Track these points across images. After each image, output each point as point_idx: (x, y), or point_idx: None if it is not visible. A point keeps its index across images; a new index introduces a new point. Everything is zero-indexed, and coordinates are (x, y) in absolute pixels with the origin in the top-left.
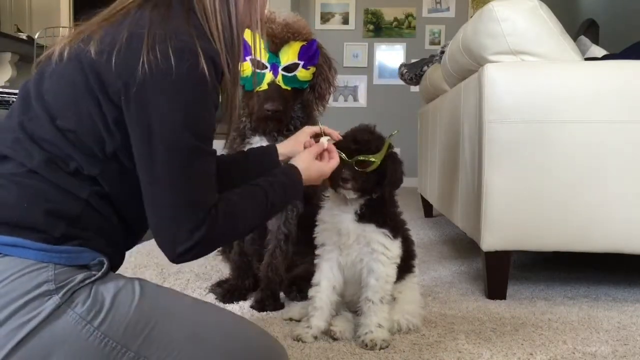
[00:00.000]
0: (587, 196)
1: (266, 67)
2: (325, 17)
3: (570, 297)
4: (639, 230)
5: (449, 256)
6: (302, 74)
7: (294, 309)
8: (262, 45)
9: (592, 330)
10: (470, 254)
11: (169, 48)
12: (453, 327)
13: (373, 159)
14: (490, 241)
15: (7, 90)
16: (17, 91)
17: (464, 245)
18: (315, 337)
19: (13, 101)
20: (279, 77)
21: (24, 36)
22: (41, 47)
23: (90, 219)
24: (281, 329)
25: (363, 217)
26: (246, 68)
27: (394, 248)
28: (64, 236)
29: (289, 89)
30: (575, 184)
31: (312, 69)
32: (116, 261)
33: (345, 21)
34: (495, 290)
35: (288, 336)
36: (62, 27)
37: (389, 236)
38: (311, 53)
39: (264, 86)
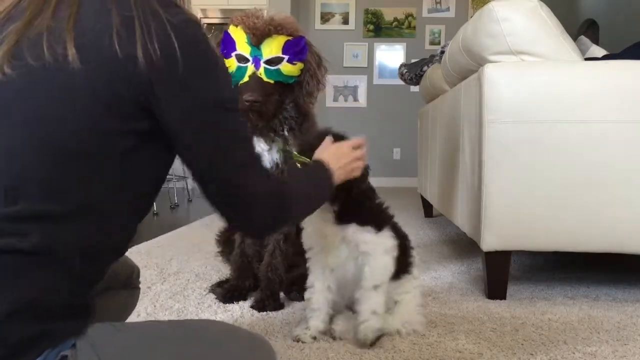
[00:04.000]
0: (587, 196)
1: (248, 60)
2: (325, 17)
3: (570, 297)
4: (639, 230)
5: (449, 256)
6: (287, 68)
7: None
8: (245, 40)
9: (592, 330)
10: (470, 254)
11: (176, 28)
12: (453, 327)
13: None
14: (490, 241)
15: None
16: None
17: (464, 245)
18: (314, 338)
19: None
20: (261, 70)
21: None
22: None
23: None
24: (281, 329)
25: (342, 217)
26: (231, 64)
27: (381, 240)
28: (28, 341)
29: (272, 81)
30: (575, 184)
31: (300, 65)
32: (87, 311)
33: (345, 21)
34: (495, 290)
35: (288, 336)
36: None
37: (372, 231)
38: (298, 49)
39: (246, 79)
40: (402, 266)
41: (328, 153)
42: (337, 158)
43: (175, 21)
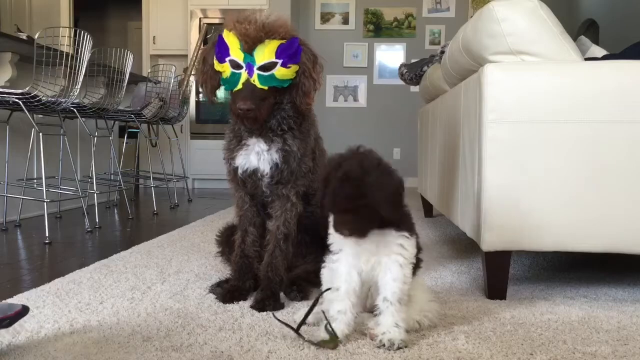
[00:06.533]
0: (587, 196)
1: (242, 67)
2: (325, 17)
3: (570, 297)
4: (639, 230)
5: (449, 256)
6: (281, 72)
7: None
8: (237, 46)
9: (592, 330)
10: (470, 254)
11: None
12: (453, 327)
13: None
14: (490, 241)
15: (7, 90)
16: (17, 91)
17: (464, 245)
18: (341, 342)
19: (13, 101)
20: (255, 77)
21: (24, 36)
22: (41, 47)
23: None
24: (281, 329)
25: (383, 222)
26: (225, 69)
27: (411, 247)
28: None
29: (266, 88)
30: (575, 184)
31: (295, 67)
32: None
33: (345, 21)
34: (495, 290)
35: (287, 336)
36: (62, 27)
37: (407, 237)
38: (292, 51)
39: (240, 86)
40: (416, 263)
41: None
42: None
43: None
